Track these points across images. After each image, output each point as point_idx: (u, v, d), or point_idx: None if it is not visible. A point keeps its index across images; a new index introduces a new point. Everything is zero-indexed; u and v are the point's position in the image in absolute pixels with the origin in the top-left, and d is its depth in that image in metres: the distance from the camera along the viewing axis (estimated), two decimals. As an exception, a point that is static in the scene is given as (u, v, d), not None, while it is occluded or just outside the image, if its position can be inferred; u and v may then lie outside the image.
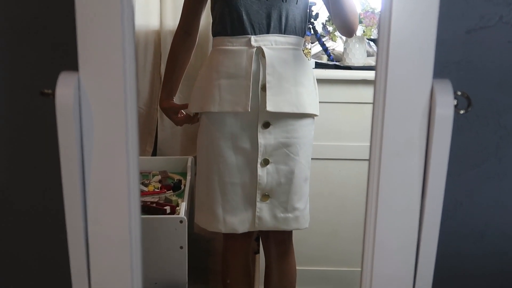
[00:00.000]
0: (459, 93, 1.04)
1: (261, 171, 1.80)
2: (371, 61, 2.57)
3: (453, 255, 1.40)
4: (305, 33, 1.85)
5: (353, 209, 2.42)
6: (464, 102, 1.05)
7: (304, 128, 1.83)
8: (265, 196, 1.83)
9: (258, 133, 1.79)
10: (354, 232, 2.41)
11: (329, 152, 2.40)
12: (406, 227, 1.12)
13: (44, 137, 1.30)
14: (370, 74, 2.38)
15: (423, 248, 1.12)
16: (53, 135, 1.05)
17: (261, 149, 1.79)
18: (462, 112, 1.04)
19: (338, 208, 2.43)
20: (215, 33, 1.81)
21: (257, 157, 1.79)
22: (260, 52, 1.75)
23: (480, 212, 1.40)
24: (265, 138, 1.79)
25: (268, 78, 1.73)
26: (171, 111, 2.01)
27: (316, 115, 1.87)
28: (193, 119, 1.94)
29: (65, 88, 1.01)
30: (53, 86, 1.02)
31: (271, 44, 1.75)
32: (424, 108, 1.04)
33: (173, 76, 1.96)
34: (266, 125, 1.79)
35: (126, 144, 1.07)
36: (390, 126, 1.05)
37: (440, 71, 1.07)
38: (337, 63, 2.60)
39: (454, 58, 1.25)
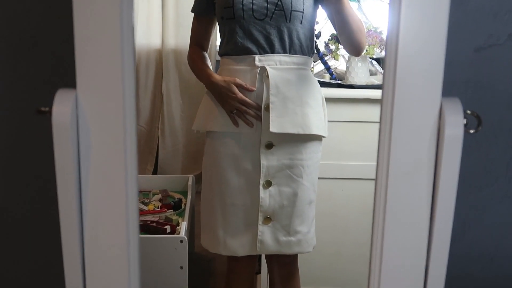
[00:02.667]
0: (468, 112, 1.01)
1: (263, 193, 1.77)
2: (374, 80, 2.55)
3: (462, 278, 1.36)
4: (313, 52, 1.83)
5: (357, 229, 2.39)
6: (473, 121, 1.02)
7: (309, 150, 1.81)
8: (267, 219, 1.79)
9: (261, 154, 1.76)
10: (358, 252, 2.39)
11: (332, 171, 2.37)
12: (414, 249, 1.09)
13: (41, 156, 1.27)
14: (373, 93, 2.37)
15: (432, 272, 1.08)
16: (50, 154, 1.02)
17: (263, 170, 1.77)
18: (472, 131, 1.01)
19: (341, 228, 2.40)
20: (222, 53, 1.81)
21: (259, 178, 1.77)
22: (264, 72, 1.73)
23: (489, 234, 1.36)
24: (267, 159, 1.76)
25: (271, 98, 1.71)
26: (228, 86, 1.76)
27: (323, 137, 1.84)
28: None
29: (62, 106, 0.98)
30: (50, 103, 0.99)
31: (276, 64, 1.73)
32: (432, 127, 1.00)
33: (203, 68, 1.85)
34: (269, 146, 1.76)
35: (125, 163, 1.03)
36: (398, 146, 1.02)
37: (448, 90, 1.03)
38: (339, 82, 2.58)
39: (462, 77, 1.22)
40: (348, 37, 1.77)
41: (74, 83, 1.00)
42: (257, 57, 1.72)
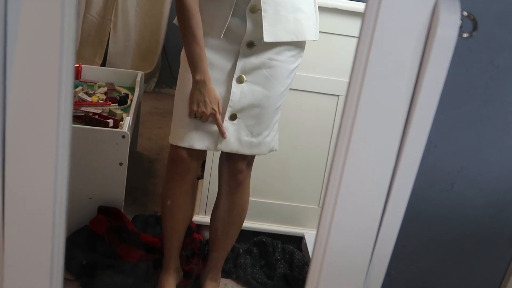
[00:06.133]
0: (465, 13, 0.89)
1: (235, 88, 1.73)
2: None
3: (417, 200, 1.28)
4: None
5: (306, 143, 2.31)
6: (469, 24, 0.90)
7: (290, 53, 1.76)
8: (233, 116, 1.75)
9: (240, 51, 1.71)
10: (304, 168, 2.32)
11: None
12: (379, 165, 0.99)
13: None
14: (341, 3, 2.22)
15: (395, 192, 0.99)
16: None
17: (239, 65, 1.72)
18: (465, 35, 0.89)
19: (291, 142, 2.30)
20: None
21: (234, 73, 1.72)
22: None
23: (453, 158, 1.28)
24: (246, 56, 1.71)
25: (263, 6, 1.65)
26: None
27: (315, 40, 1.80)
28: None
29: None
30: None
31: None
32: (423, 25, 0.88)
33: (199, 45, 1.67)
34: (250, 45, 1.71)
35: (61, 28, 0.87)
36: (380, 44, 0.89)
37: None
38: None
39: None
40: None
41: None
42: None
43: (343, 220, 1.05)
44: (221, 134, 1.74)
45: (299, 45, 1.78)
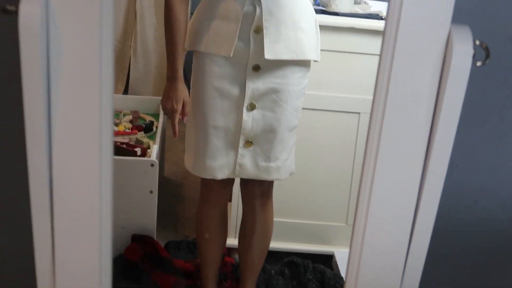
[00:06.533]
0: (477, 42, 0.93)
1: (247, 116, 1.73)
2: (358, 9, 2.45)
3: (443, 218, 1.32)
4: None
5: (331, 162, 2.34)
6: (481, 53, 0.94)
7: (297, 75, 1.75)
8: (248, 143, 1.76)
9: (247, 76, 1.71)
10: (331, 185, 2.36)
11: (309, 101, 2.29)
12: (406, 184, 1.03)
13: (6, 62, 1.15)
14: (358, 22, 2.27)
15: (422, 210, 1.04)
16: (16, 59, 0.91)
17: (248, 93, 1.72)
18: (479, 64, 0.93)
19: (315, 161, 2.34)
20: None
21: (244, 101, 1.72)
22: None
23: (476, 175, 1.31)
24: (253, 82, 1.71)
25: (265, 24, 1.66)
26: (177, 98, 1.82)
27: (315, 61, 1.79)
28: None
29: (30, 5, 0.86)
30: (17, 1, 0.87)
31: None
32: (438, 56, 0.93)
33: (174, 44, 1.77)
34: (256, 68, 1.71)
35: (100, 74, 0.94)
36: (399, 75, 0.94)
37: (455, 17, 0.95)
38: (323, 8, 2.47)
39: (470, 5, 1.13)
40: None
41: (45, -19, 0.88)
42: None
43: (374, 239, 1.09)
44: (173, 133, 1.84)
45: (304, 65, 1.77)
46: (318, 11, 2.40)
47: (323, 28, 2.24)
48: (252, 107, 1.73)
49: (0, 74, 1.21)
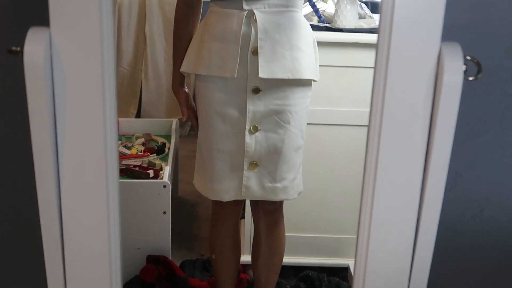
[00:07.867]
0: (468, 58, 0.95)
1: (249, 139, 1.73)
2: (363, 24, 2.47)
3: (450, 229, 1.34)
4: None
5: (343, 176, 2.35)
6: (473, 68, 0.96)
7: (297, 95, 1.74)
8: (253, 165, 1.76)
9: (247, 99, 1.71)
10: (343, 200, 2.37)
11: (318, 116, 2.32)
12: (406, 199, 1.05)
13: (12, 100, 1.20)
14: (362, 37, 2.29)
15: (424, 222, 1.05)
16: (22, 97, 0.95)
17: (249, 116, 1.71)
18: (471, 79, 0.95)
19: (327, 175, 2.36)
20: None
21: (246, 124, 1.72)
22: (251, 15, 1.65)
23: (480, 185, 1.33)
24: (254, 105, 1.71)
25: (260, 43, 1.65)
26: (185, 100, 1.91)
27: (314, 81, 1.78)
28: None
29: (34, 45, 0.90)
30: (21, 43, 0.91)
31: (264, 7, 1.65)
32: (430, 73, 0.95)
33: (181, 55, 1.83)
34: (256, 90, 1.70)
35: (103, 107, 0.97)
36: (393, 92, 0.97)
37: (446, 34, 0.97)
38: (328, 25, 2.49)
39: (461, 22, 1.15)
40: None
41: (48, 21, 0.92)
42: (244, 1, 1.65)
43: (377, 250, 1.10)
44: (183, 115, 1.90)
45: (304, 84, 1.75)
46: (322, 28, 2.43)
47: (329, 44, 2.28)
48: (254, 129, 1.72)
49: (7, 110, 1.26)
